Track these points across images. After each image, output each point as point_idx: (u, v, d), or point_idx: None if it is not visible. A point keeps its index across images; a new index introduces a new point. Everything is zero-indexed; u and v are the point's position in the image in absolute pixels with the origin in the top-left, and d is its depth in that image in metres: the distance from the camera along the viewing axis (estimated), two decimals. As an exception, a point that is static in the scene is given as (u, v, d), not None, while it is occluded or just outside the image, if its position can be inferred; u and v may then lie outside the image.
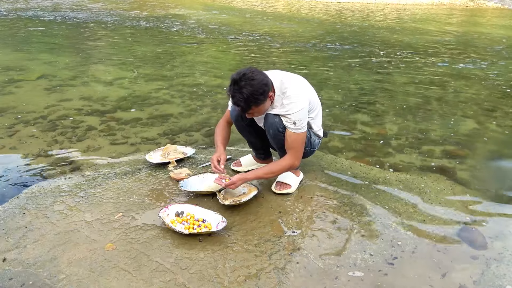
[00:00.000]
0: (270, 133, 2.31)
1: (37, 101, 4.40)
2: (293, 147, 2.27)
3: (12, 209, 2.33)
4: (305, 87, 2.32)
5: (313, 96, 2.36)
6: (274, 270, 1.85)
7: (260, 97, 2.10)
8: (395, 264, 1.92)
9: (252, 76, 2.07)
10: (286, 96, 2.21)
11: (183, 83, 5.24)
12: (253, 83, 2.06)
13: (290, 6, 15.74)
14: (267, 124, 2.29)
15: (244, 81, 2.06)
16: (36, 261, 1.91)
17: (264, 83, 2.11)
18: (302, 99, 2.22)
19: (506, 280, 1.83)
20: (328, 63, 6.60)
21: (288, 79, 2.26)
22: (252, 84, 2.06)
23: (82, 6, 13.65)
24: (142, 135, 3.55)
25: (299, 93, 2.23)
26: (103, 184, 2.59)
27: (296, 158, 2.29)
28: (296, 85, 2.26)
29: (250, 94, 2.05)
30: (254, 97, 2.07)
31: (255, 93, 2.06)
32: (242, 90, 2.05)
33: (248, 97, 2.06)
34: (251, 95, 2.05)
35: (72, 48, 7.51)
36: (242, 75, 2.08)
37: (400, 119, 4.04)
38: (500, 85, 5.36)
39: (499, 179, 2.98)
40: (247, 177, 2.27)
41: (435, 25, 11.55)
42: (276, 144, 2.40)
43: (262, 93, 2.10)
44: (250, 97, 2.06)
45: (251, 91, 2.05)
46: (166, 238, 2.05)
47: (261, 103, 2.14)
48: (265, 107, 2.21)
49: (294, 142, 2.25)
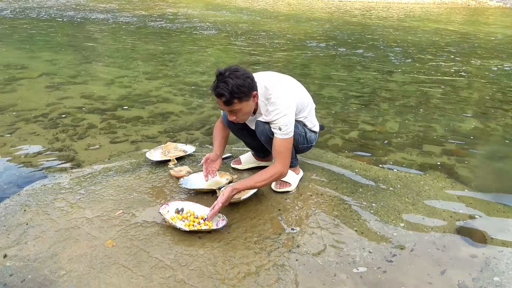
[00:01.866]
0: (262, 139, 2.31)
1: (38, 99, 4.41)
2: (279, 152, 2.21)
3: (13, 206, 2.34)
4: (291, 90, 2.27)
5: (301, 96, 2.32)
6: (274, 267, 1.86)
7: (243, 89, 2.07)
8: (394, 261, 1.92)
9: (237, 69, 2.09)
10: (271, 103, 2.17)
11: (184, 81, 5.25)
12: (237, 74, 2.06)
13: (291, 5, 15.72)
14: (258, 131, 2.29)
15: (228, 72, 2.07)
16: (37, 257, 1.92)
17: (248, 76, 2.11)
18: (286, 104, 2.17)
19: (505, 278, 1.83)
20: (329, 62, 6.60)
21: (272, 85, 2.21)
22: (236, 75, 2.06)
23: (84, 5, 13.67)
24: (142, 133, 3.56)
25: (283, 98, 2.18)
26: (104, 182, 2.60)
27: (284, 165, 2.22)
28: (280, 90, 2.20)
29: (234, 84, 2.04)
30: (238, 88, 2.05)
31: (239, 83, 2.05)
32: (226, 79, 2.05)
33: (232, 87, 2.04)
34: (235, 85, 2.04)
35: (73, 46, 7.53)
36: (228, 68, 2.10)
37: (400, 117, 4.04)
38: (501, 84, 5.35)
39: (499, 177, 2.98)
40: (237, 187, 2.18)
41: (437, 24, 11.53)
42: (270, 148, 2.40)
43: (246, 86, 2.08)
44: (234, 87, 2.04)
45: (235, 81, 2.04)
46: (166, 235, 2.06)
47: (244, 98, 2.09)
48: (248, 107, 2.16)
49: (281, 147, 2.21)
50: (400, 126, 3.82)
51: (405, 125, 3.83)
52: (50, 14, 11.29)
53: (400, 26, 10.92)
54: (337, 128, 3.72)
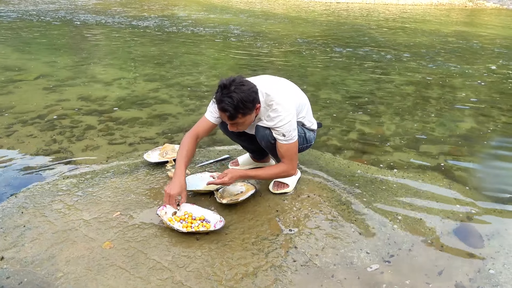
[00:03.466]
0: (262, 144, 2.31)
1: (35, 100, 4.41)
2: (286, 156, 2.25)
3: (10, 208, 2.33)
4: (290, 94, 2.28)
5: (299, 98, 2.33)
6: (271, 268, 1.86)
7: (248, 105, 2.03)
8: (392, 262, 1.93)
9: (242, 82, 2.03)
10: (273, 109, 2.16)
11: (181, 83, 5.25)
12: (243, 89, 2.00)
13: (289, 7, 15.75)
14: (259, 136, 2.29)
15: (234, 86, 1.99)
16: (34, 259, 1.92)
17: (253, 90, 2.06)
18: (288, 110, 2.17)
19: (502, 278, 1.84)
20: (326, 63, 6.61)
21: (272, 91, 2.19)
22: (242, 89, 2.00)
23: (81, 7, 13.66)
24: (140, 135, 3.56)
25: (284, 104, 2.17)
26: (101, 183, 2.59)
27: (291, 167, 2.28)
28: (281, 96, 2.19)
29: (240, 99, 1.98)
30: (243, 103, 1.99)
31: (245, 99, 1.99)
32: (232, 94, 1.98)
33: (237, 103, 1.98)
34: (240, 100, 1.98)
35: (71, 48, 7.52)
36: (232, 80, 2.02)
37: (398, 118, 4.05)
38: (498, 85, 5.37)
39: (496, 178, 2.99)
40: (248, 174, 2.29)
41: (434, 25, 11.57)
42: (270, 152, 2.42)
43: (251, 101, 2.03)
44: (240, 102, 1.98)
45: (241, 96, 1.98)
46: (163, 237, 2.05)
47: (248, 112, 2.06)
48: (251, 119, 2.14)
49: (287, 152, 2.24)
50: (397, 126, 3.82)
51: (403, 126, 3.84)
52: (47, 17, 11.29)
53: (398, 27, 10.95)
54: (334, 129, 3.72)
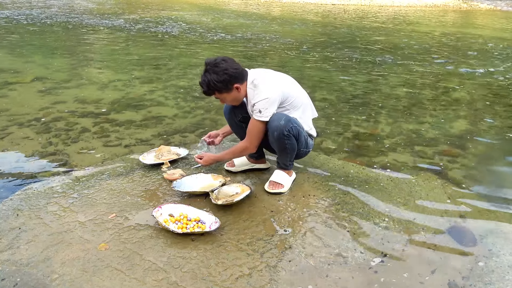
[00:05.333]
0: (274, 135, 2.32)
1: (31, 103, 4.40)
2: (250, 131, 2.38)
3: (5, 210, 2.33)
4: (278, 81, 2.39)
5: (292, 92, 2.40)
6: (266, 268, 1.87)
7: (218, 85, 2.26)
8: (386, 261, 1.94)
9: (218, 64, 2.26)
10: (255, 86, 2.33)
11: (177, 85, 5.26)
12: (216, 70, 2.24)
13: (284, 9, 15.80)
14: (272, 127, 2.31)
15: (209, 66, 2.26)
16: (30, 261, 1.92)
17: (226, 72, 2.25)
18: (269, 89, 2.29)
19: (494, 276, 1.86)
20: (322, 64, 6.64)
21: (263, 74, 2.38)
22: (215, 70, 2.24)
23: (77, 9, 13.65)
24: (136, 137, 3.57)
25: (267, 84, 2.32)
26: (97, 185, 2.60)
27: (251, 142, 2.40)
28: (268, 78, 2.36)
29: (210, 79, 2.24)
30: (214, 83, 2.24)
31: (215, 79, 2.24)
32: (206, 74, 2.27)
33: (208, 82, 2.25)
34: (211, 80, 2.24)
35: (67, 50, 7.51)
36: (213, 60, 2.28)
37: (392, 119, 4.07)
38: (492, 86, 5.42)
39: (490, 178, 3.02)
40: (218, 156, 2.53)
41: (428, 26, 11.64)
42: (277, 147, 2.42)
43: (222, 81, 2.25)
44: (210, 82, 2.25)
45: (212, 77, 2.24)
46: (159, 238, 2.06)
47: (223, 91, 2.29)
48: (231, 96, 2.35)
49: (253, 128, 2.35)
50: (392, 127, 3.85)
51: (397, 127, 3.86)
52: (43, 19, 11.27)
53: (393, 28, 11.01)
54: (329, 130, 3.74)
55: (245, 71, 2.36)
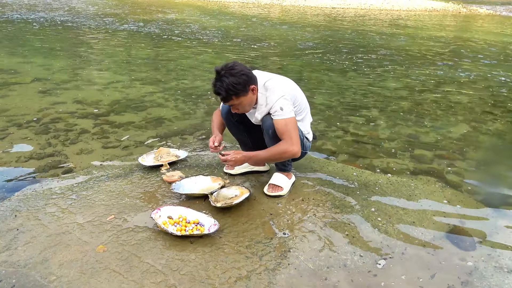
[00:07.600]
0: (269, 133, 2.32)
1: (30, 104, 4.39)
2: (285, 132, 2.23)
3: (3, 211, 2.32)
4: (290, 86, 2.40)
5: (298, 95, 2.41)
6: (265, 271, 1.86)
7: (238, 87, 2.18)
8: (385, 265, 1.94)
9: (233, 67, 2.20)
10: (269, 89, 2.29)
11: (177, 86, 5.26)
12: (232, 72, 2.17)
13: (285, 12, 15.83)
14: (266, 125, 2.32)
15: (224, 71, 2.18)
16: (27, 262, 1.91)
17: (243, 73, 2.20)
18: (283, 89, 2.29)
19: (493, 281, 1.85)
20: (321, 68, 6.65)
21: (271, 78, 2.35)
22: (232, 73, 2.17)
23: (78, 11, 13.66)
24: (135, 139, 3.56)
25: (280, 85, 2.31)
26: (95, 187, 2.59)
27: (291, 143, 2.22)
28: (277, 81, 2.34)
29: (229, 82, 2.15)
30: (233, 86, 2.16)
31: (234, 81, 2.16)
32: (222, 78, 2.17)
33: (227, 86, 2.16)
34: (230, 83, 2.16)
35: (67, 51, 7.51)
36: (224, 66, 2.21)
37: (392, 122, 4.07)
38: (491, 90, 5.43)
39: (489, 182, 3.01)
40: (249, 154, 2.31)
41: (428, 30, 11.67)
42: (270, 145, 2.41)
43: (241, 83, 2.18)
44: (229, 85, 2.16)
45: (230, 80, 2.16)
46: (157, 240, 2.05)
47: (241, 94, 2.21)
48: (247, 100, 2.27)
49: (285, 126, 2.24)
50: (391, 131, 3.85)
51: (397, 130, 3.86)
52: (43, 20, 11.27)
53: (393, 32, 11.04)
54: (329, 133, 3.74)
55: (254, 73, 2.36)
